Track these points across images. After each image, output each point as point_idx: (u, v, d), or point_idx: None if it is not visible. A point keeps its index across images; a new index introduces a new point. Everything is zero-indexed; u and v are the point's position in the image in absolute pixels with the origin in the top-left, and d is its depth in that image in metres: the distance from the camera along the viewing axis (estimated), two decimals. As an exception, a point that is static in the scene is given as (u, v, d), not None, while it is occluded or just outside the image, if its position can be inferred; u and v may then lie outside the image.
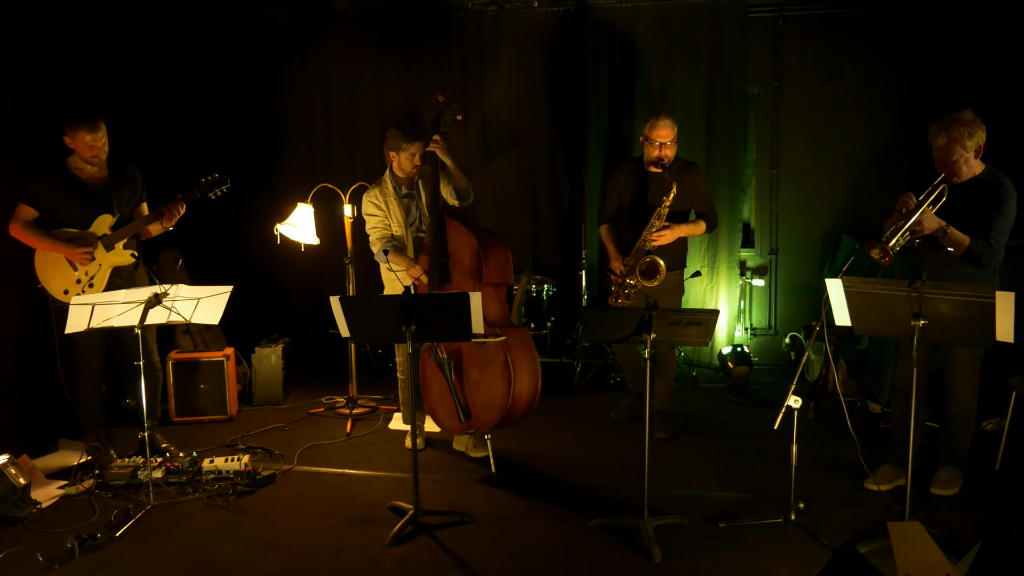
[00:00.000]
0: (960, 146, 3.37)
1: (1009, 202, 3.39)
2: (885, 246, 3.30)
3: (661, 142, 4.27)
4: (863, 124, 5.75)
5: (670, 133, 4.28)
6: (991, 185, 3.43)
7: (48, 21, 4.53)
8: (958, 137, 3.36)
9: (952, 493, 3.67)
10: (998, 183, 3.42)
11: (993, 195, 3.41)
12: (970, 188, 3.46)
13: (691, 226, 4.41)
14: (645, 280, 4.31)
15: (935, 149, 3.46)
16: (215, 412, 4.96)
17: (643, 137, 4.36)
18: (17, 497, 3.54)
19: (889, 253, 3.30)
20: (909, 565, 2.27)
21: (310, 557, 3.22)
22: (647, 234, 4.29)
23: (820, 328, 3.44)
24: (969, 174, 3.46)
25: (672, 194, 4.21)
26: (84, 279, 4.02)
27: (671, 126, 4.29)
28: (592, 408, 5.10)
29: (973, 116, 3.39)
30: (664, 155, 4.28)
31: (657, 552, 3.14)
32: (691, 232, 4.43)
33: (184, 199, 4.02)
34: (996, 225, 3.38)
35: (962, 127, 3.36)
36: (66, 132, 3.94)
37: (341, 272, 5.13)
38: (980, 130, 3.39)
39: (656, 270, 4.28)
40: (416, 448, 3.55)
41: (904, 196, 3.38)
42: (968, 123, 3.37)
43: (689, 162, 4.57)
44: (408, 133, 4.29)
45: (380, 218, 4.33)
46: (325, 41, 6.18)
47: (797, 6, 5.77)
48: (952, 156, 3.40)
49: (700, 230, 4.47)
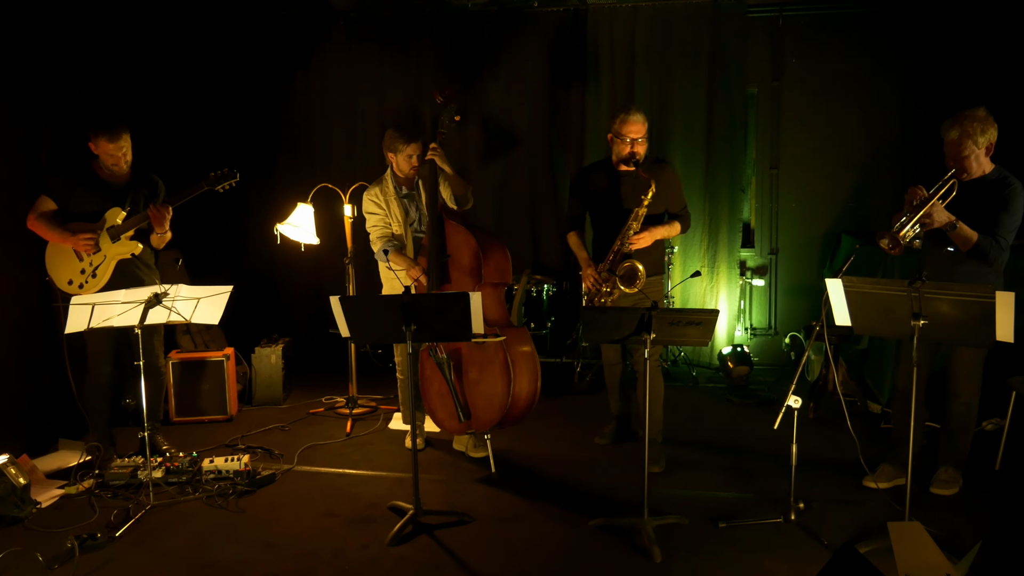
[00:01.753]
0: (972, 141, 3.42)
1: (1017, 201, 3.42)
2: (896, 236, 3.33)
3: (633, 138, 3.99)
4: (863, 124, 5.76)
5: (642, 128, 4.01)
6: (999, 184, 3.47)
7: (48, 20, 4.54)
8: (971, 132, 3.41)
9: (952, 493, 3.67)
10: (1006, 182, 3.46)
11: (1001, 194, 3.44)
12: (979, 186, 3.49)
13: (667, 228, 4.14)
14: (624, 286, 4.04)
15: (947, 144, 3.49)
16: (215, 412, 4.96)
17: (612, 134, 4.08)
18: (17, 497, 3.53)
19: (900, 243, 3.32)
20: (909, 565, 2.26)
21: (310, 557, 3.22)
22: (624, 238, 4.02)
23: (820, 328, 3.45)
24: (979, 171, 3.49)
25: (651, 192, 3.95)
26: (88, 269, 4.03)
27: (643, 121, 4.03)
28: (592, 408, 5.10)
29: (986, 114, 3.44)
30: (636, 151, 4.01)
31: (657, 552, 3.14)
32: (667, 234, 4.16)
33: (170, 202, 4.04)
34: (1004, 223, 3.41)
35: (975, 123, 3.41)
36: (90, 138, 4.01)
37: (341, 272, 5.13)
38: (992, 128, 3.44)
39: (635, 275, 4.00)
40: (416, 448, 3.55)
41: (914, 187, 3.41)
42: (981, 120, 3.42)
43: (660, 159, 4.37)
44: (404, 135, 4.28)
45: (381, 216, 4.33)
46: (325, 41, 6.18)
47: (797, 6, 5.77)
48: (964, 151, 3.43)
49: (675, 231, 4.19)
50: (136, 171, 4.17)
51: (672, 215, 4.20)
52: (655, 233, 4.06)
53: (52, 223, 4.00)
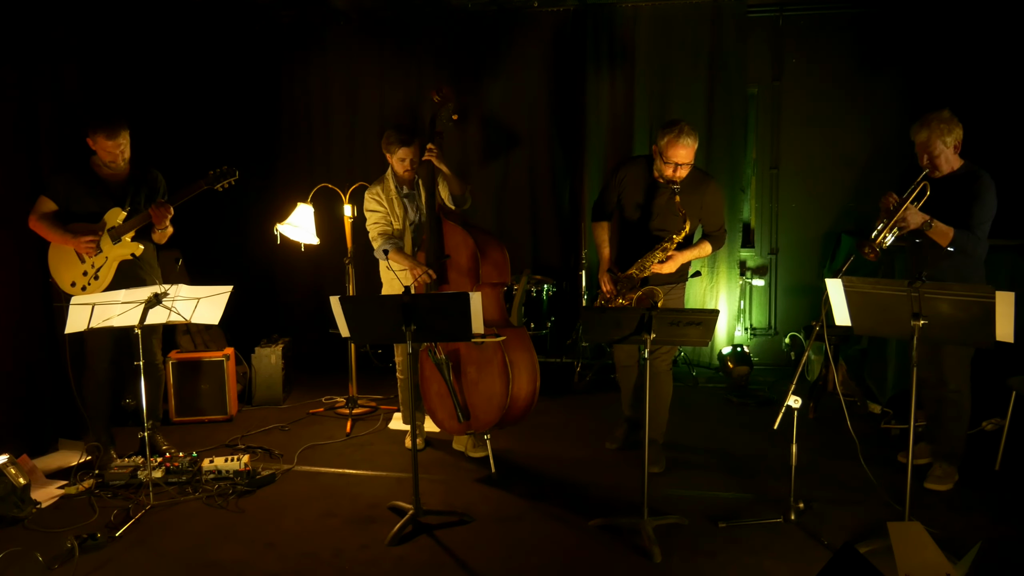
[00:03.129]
0: (941, 141, 3.55)
1: (988, 193, 3.53)
2: (872, 243, 3.44)
3: (678, 163, 3.77)
4: (863, 124, 5.76)
5: (689, 154, 3.76)
6: (970, 178, 3.58)
7: (48, 20, 4.53)
8: (939, 132, 3.54)
9: (947, 488, 3.69)
10: (976, 175, 3.57)
11: (972, 187, 3.55)
12: (950, 182, 3.61)
13: (696, 250, 3.97)
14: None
15: (917, 145, 3.63)
16: (215, 412, 4.96)
17: (657, 149, 3.84)
18: (17, 497, 3.53)
19: (875, 249, 3.44)
20: (909, 565, 2.27)
21: (310, 557, 3.22)
22: (647, 262, 3.89)
23: (820, 328, 3.47)
24: (949, 168, 3.62)
25: (684, 232, 3.82)
26: (91, 271, 4.03)
27: (692, 144, 3.75)
28: (592, 408, 5.10)
29: (951, 115, 3.58)
30: (678, 175, 3.80)
31: (657, 552, 3.14)
32: (696, 256, 4.00)
33: (171, 201, 4.03)
34: (977, 214, 3.50)
35: (942, 124, 3.54)
36: (88, 134, 3.99)
37: (341, 272, 5.13)
38: (958, 127, 3.57)
39: (654, 304, 3.72)
40: (416, 448, 3.55)
41: (886, 195, 3.54)
42: (947, 120, 3.56)
43: (704, 173, 4.11)
44: (398, 138, 4.22)
45: (382, 215, 4.33)
46: (325, 41, 6.18)
47: (797, 6, 5.77)
48: (934, 150, 3.56)
49: (706, 253, 4.03)
50: (135, 167, 4.15)
51: (706, 234, 4.06)
52: (680, 258, 3.91)
53: (53, 224, 4.00)
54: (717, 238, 4.07)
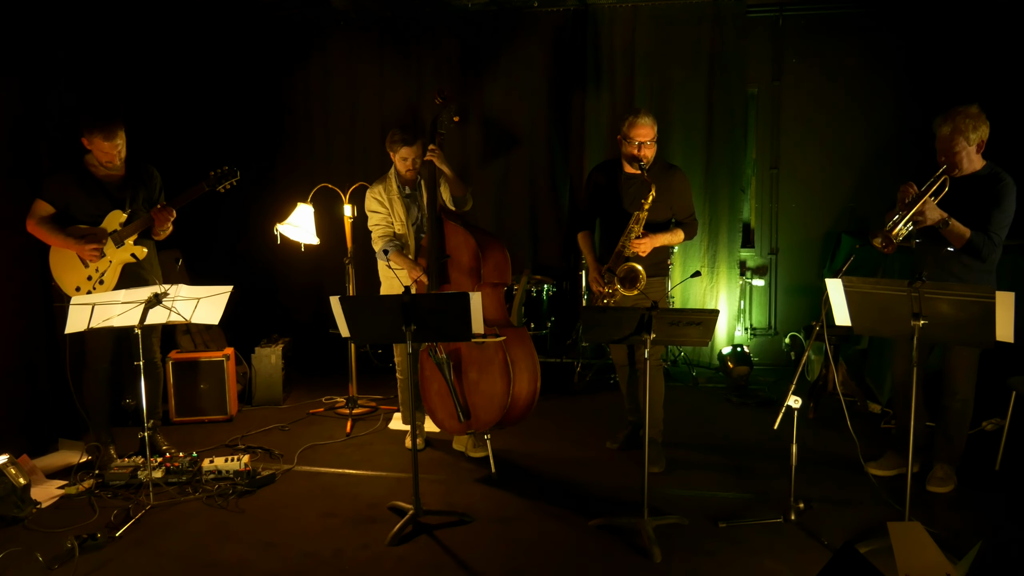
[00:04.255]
0: (964, 137, 3.42)
1: (1009, 197, 3.43)
2: (888, 234, 3.34)
3: (640, 141, 3.95)
4: (863, 124, 5.75)
5: (650, 132, 3.97)
6: (991, 180, 3.47)
7: (48, 20, 4.53)
8: (963, 128, 3.41)
9: (947, 490, 3.68)
10: (998, 178, 3.46)
11: (993, 190, 3.44)
12: (971, 183, 3.50)
13: (669, 235, 4.07)
14: (624, 289, 3.99)
15: (939, 139, 3.50)
16: (215, 412, 4.96)
17: (621, 135, 4.04)
18: (17, 497, 3.53)
19: (892, 242, 3.34)
20: (909, 565, 2.27)
21: (310, 557, 3.22)
22: (626, 240, 3.99)
23: (820, 328, 3.45)
24: (970, 168, 3.50)
25: (651, 196, 3.90)
26: (95, 275, 4.02)
27: (651, 124, 3.99)
28: (592, 408, 5.10)
29: (979, 111, 3.44)
30: (643, 155, 3.96)
31: (657, 552, 3.14)
32: (670, 241, 4.10)
33: (173, 204, 4.03)
34: (996, 219, 3.42)
35: (968, 119, 3.41)
36: (83, 134, 3.97)
37: (341, 272, 5.13)
38: (984, 125, 3.44)
39: (636, 277, 3.95)
40: (416, 448, 3.55)
41: (905, 185, 3.42)
42: (973, 116, 3.42)
43: (671, 164, 4.32)
44: (401, 137, 4.26)
45: (383, 215, 4.33)
46: (325, 41, 6.19)
47: (797, 6, 5.77)
48: (955, 147, 3.44)
49: (679, 239, 4.13)
50: (131, 165, 4.13)
51: (678, 222, 4.15)
52: (656, 240, 4.01)
53: (53, 227, 3.97)
54: (689, 226, 4.15)
